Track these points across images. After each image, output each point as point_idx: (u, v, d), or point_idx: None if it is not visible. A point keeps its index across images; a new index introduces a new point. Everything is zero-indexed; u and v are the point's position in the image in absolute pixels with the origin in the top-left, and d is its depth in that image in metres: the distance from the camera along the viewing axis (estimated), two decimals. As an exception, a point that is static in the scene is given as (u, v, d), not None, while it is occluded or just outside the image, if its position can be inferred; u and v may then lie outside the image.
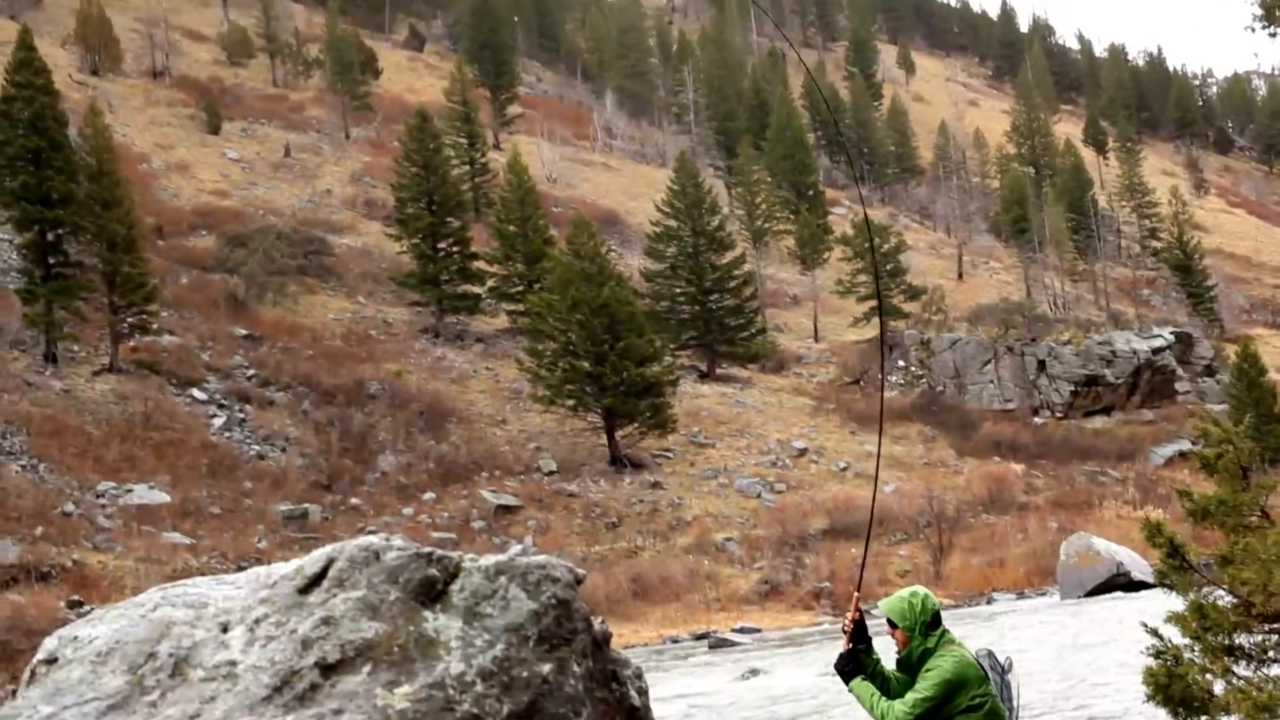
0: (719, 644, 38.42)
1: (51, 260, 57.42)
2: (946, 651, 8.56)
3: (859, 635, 8.78)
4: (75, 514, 46.96)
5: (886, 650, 8.69)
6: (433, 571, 6.87)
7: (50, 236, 57.44)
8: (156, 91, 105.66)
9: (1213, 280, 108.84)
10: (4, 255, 64.73)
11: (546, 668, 5.91)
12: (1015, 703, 8.88)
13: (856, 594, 9.07)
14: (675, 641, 43.02)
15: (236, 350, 64.95)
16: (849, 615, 8.83)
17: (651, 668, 28.83)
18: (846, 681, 8.82)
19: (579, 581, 7.10)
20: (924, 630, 8.62)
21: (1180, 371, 78.47)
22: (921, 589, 8.79)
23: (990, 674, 8.75)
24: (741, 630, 41.81)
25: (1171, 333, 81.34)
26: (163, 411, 56.76)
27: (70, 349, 59.13)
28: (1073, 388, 74.91)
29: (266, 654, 6.76)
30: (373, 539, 7.20)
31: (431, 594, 6.80)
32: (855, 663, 8.78)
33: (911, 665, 8.68)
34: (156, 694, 6.82)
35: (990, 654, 8.97)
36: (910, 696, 8.48)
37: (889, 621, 8.73)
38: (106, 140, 61.18)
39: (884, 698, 8.60)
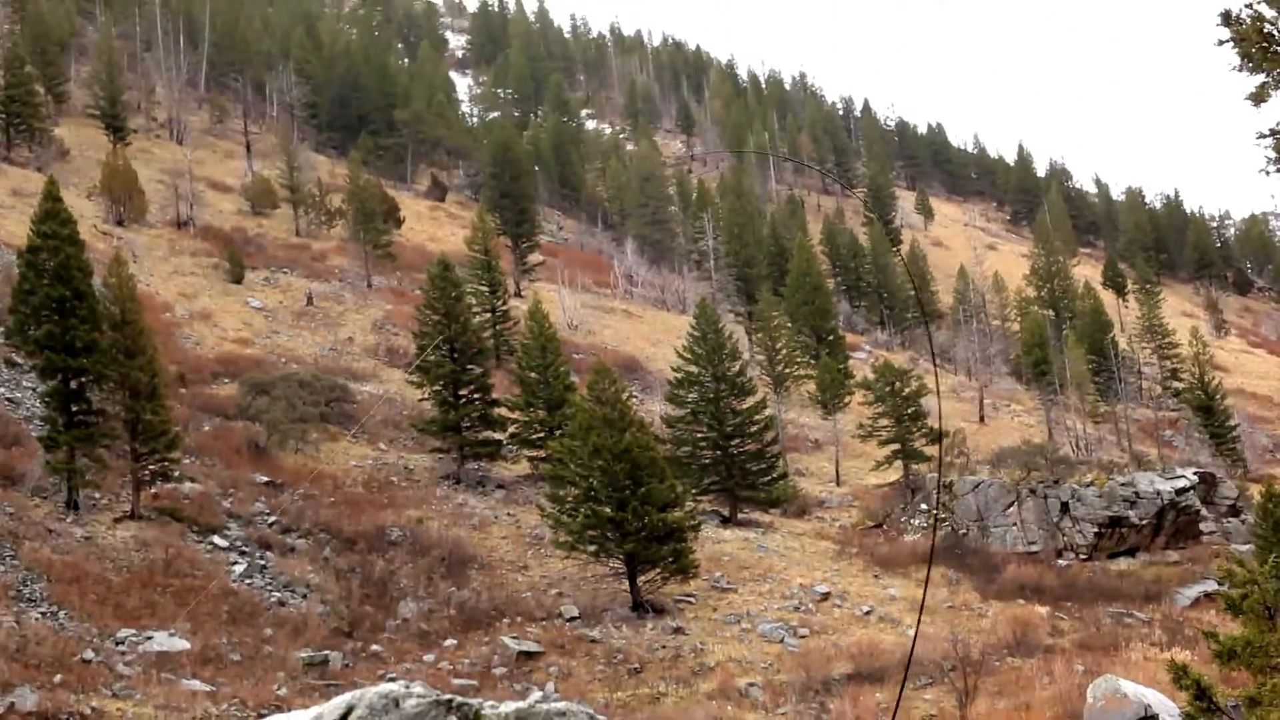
0: (743, 792, 38.03)
1: (74, 408, 57.60)
2: None
3: None
4: (94, 661, 46.71)
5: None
6: (453, 719, 6.84)
7: (74, 384, 57.64)
8: (180, 241, 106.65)
9: (1235, 420, 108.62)
10: (28, 403, 65.09)
11: (567, 815, 5.88)
12: None
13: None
14: (699, 790, 42.57)
15: (258, 497, 64.99)
16: None
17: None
18: None
19: (599, 727, 7.08)
20: None
21: (1204, 512, 78.04)
22: None
23: None
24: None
25: (1195, 473, 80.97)
26: (183, 558, 56.67)
27: (92, 496, 59.19)
28: (1096, 529, 74.51)
29: (285, 802, 6.72)
30: (392, 686, 7.19)
31: (451, 740, 6.78)
32: None
33: None
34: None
35: None
36: None
37: None
38: (130, 289, 61.59)
39: None
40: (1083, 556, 73.77)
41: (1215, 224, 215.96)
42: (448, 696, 6.28)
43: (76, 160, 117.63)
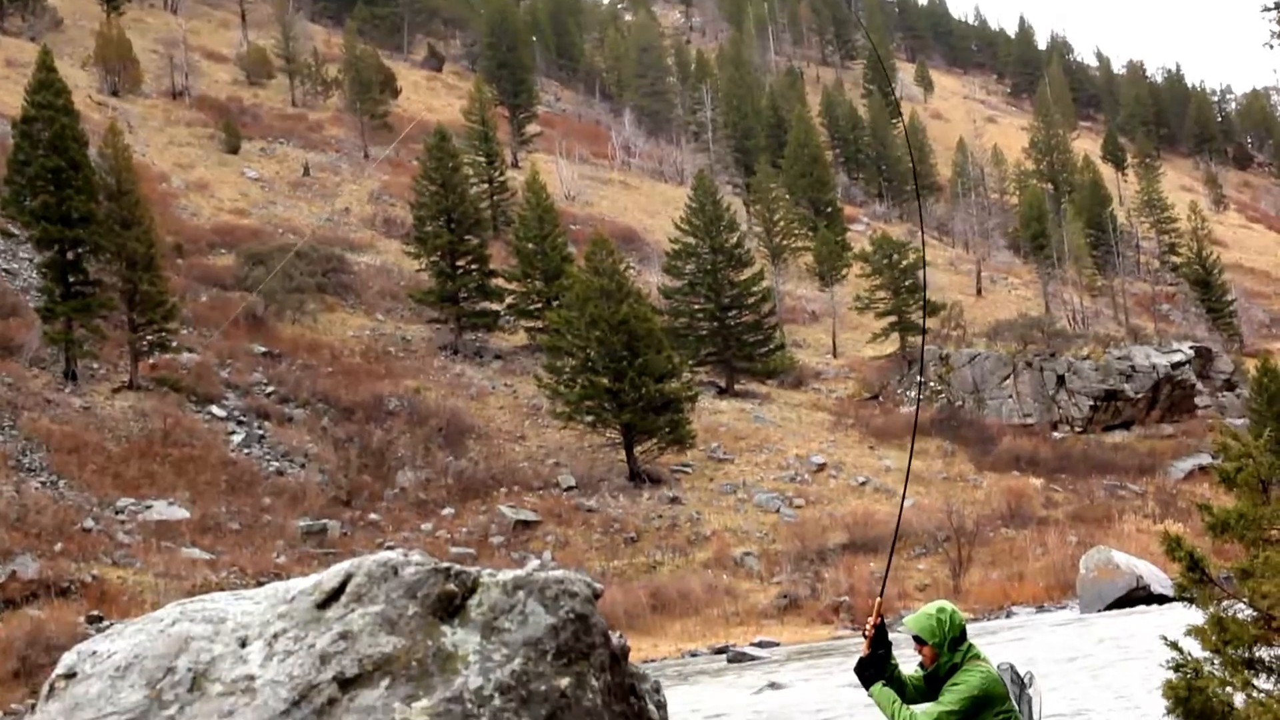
0: (738, 658, 38.40)
1: (71, 279, 57.51)
2: (973, 667, 8.54)
3: (879, 640, 8.78)
4: (95, 530, 47.03)
5: (904, 658, 8.69)
6: (451, 586, 6.87)
7: (70, 255, 57.53)
8: (176, 112, 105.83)
9: (1232, 295, 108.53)
10: (25, 274, 64.92)
11: (564, 682, 5.90)
12: (1038, 718, 8.85)
13: (879, 599, 9.18)
14: (694, 656, 43.03)
15: (255, 367, 65.04)
16: (870, 620, 8.84)
17: (670, 682, 28.80)
18: (867, 686, 8.81)
19: (597, 596, 7.10)
20: (951, 646, 8.61)
21: (1200, 386, 78.26)
22: (948, 604, 8.81)
23: (1011, 688, 8.73)
24: (760, 644, 41.80)
25: (1191, 347, 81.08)
26: (182, 428, 56.85)
27: (90, 366, 59.24)
28: (1092, 402, 74.74)
29: (285, 668, 6.77)
30: (391, 554, 7.21)
31: (450, 609, 6.80)
32: (876, 667, 8.78)
33: (938, 680, 8.66)
34: (175, 708, 6.82)
35: (1011, 668, 8.95)
36: (934, 709, 8.47)
37: (916, 638, 8.70)
38: (126, 160, 61.28)
39: (906, 705, 8.59)
40: (1078, 429, 74.05)
41: (1216, 98, 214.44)
42: (446, 565, 6.35)
43: (70, 30, 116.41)
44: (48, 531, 45.56)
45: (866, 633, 8.84)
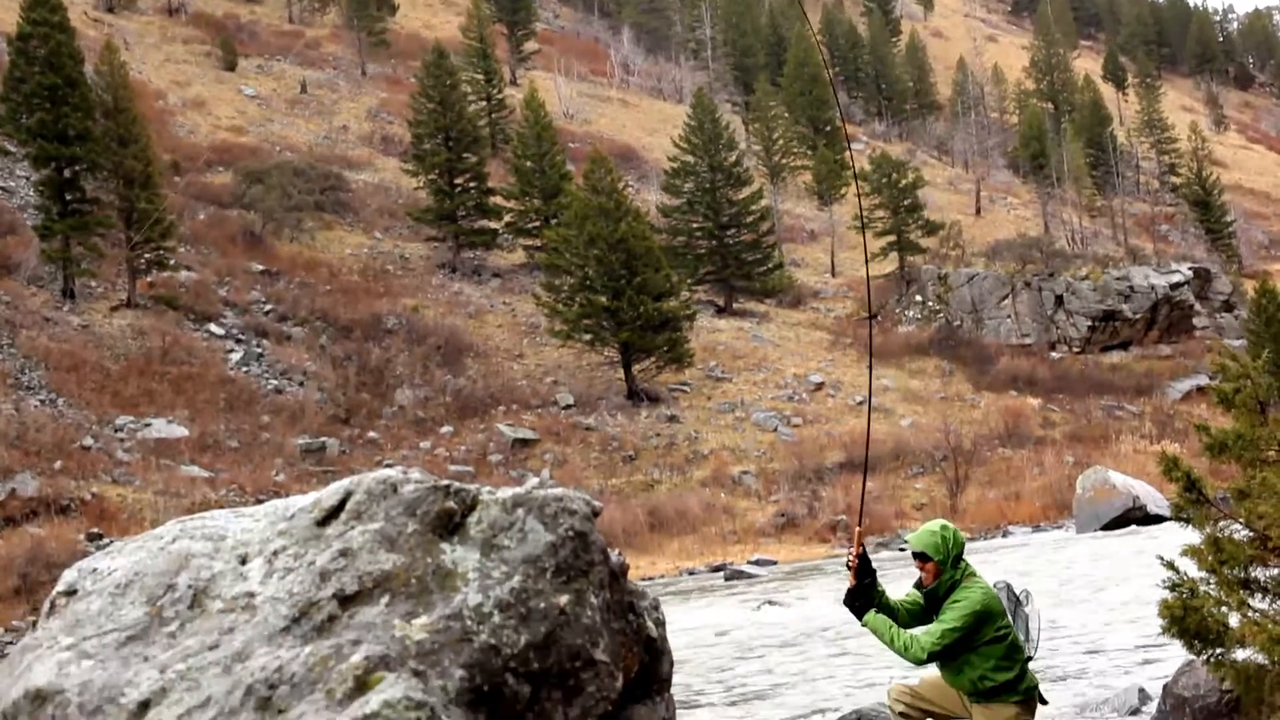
0: (735, 576, 38.55)
1: (68, 197, 57.43)
2: (971, 584, 8.64)
3: (864, 569, 8.86)
4: (94, 448, 47.15)
5: (888, 580, 8.73)
6: (450, 504, 6.88)
7: (67, 173, 57.44)
8: (172, 29, 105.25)
9: (1231, 216, 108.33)
10: (21, 192, 64.77)
11: (564, 599, 5.93)
12: (1036, 635, 8.90)
13: (858, 529, 9.26)
14: (691, 574, 43.20)
15: (254, 286, 65.01)
16: (852, 550, 8.88)
17: (668, 600, 28.95)
18: (859, 616, 8.86)
19: (596, 514, 7.12)
20: (954, 563, 8.70)
21: (1198, 307, 78.27)
22: (949, 524, 8.89)
23: (1007, 605, 8.79)
24: (758, 562, 41.95)
25: (1190, 268, 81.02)
26: (180, 346, 56.90)
27: (88, 285, 59.22)
28: (1090, 323, 74.78)
29: (285, 585, 6.79)
30: (390, 472, 7.22)
31: (449, 526, 6.82)
32: (865, 597, 8.86)
33: (937, 599, 8.75)
34: (175, 625, 6.85)
35: (1008, 587, 9.01)
36: (937, 628, 8.55)
37: (918, 555, 8.78)
38: (123, 77, 61.03)
39: (903, 630, 8.65)
40: (1076, 350, 74.12)
41: (1218, 18, 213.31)
42: (445, 482, 6.35)
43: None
44: (47, 449, 45.69)
45: (850, 563, 8.90)
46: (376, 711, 5.71)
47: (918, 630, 8.65)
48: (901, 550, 38.27)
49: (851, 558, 8.88)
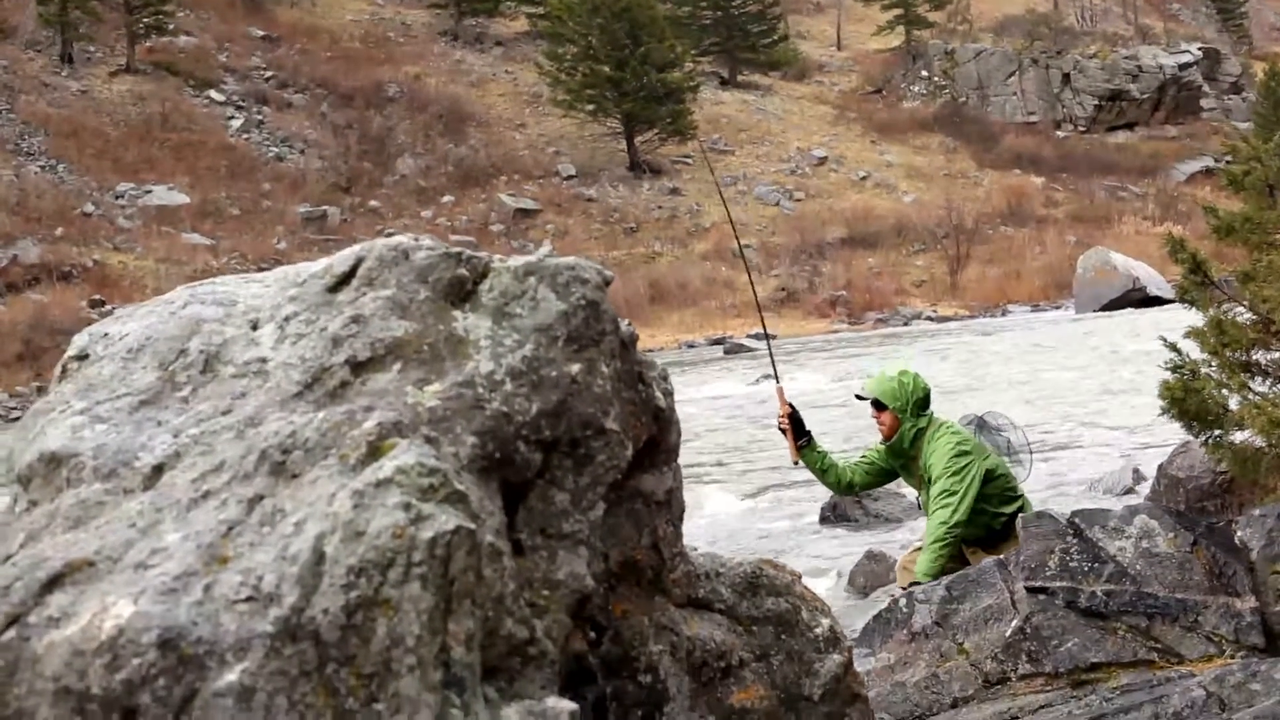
0: (734, 349, 38.82)
1: (65, -43, 56.66)
2: (941, 430, 7.82)
3: (798, 430, 7.99)
4: (95, 214, 47.12)
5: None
6: (462, 271, 6.88)
7: (63, -69, 56.59)
8: None
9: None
10: (17, -50, 63.81)
11: (575, 368, 5.95)
12: (1028, 457, 8.49)
13: (779, 385, 8.36)
14: (691, 346, 43.50)
15: (254, 51, 64.29)
16: (781, 411, 8.01)
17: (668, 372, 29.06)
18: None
19: (608, 283, 7.11)
20: (915, 411, 7.84)
21: (1206, 88, 77.50)
22: (910, 369, 8.09)
23: (991, 436, 8.32)
24: (757, 336, 42.13)
25: (1199, 48, 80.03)
26: (180, 112, 56.51)
27: (86, 49, 58.54)
28: (1097, 102, 74.15)
29: (297, 351, 6.79)
30: (402, 238, 7.20)
31: (461, 294, 6.81)
32: (809, 460, 8.07)
33: (903, 451, 7.91)
34: (188, 389, 6.87)
35: (980, 420, 8.59)
36: (944, 497, 7.60)
37: (874, 403, 7.93)
38: None
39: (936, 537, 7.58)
40: (1081, 129, 73.60)
41: None
42: (457, 250, 6.30)
43: None
44: (48, 216, 45.66)
45: (782, 425, 8.00)
46: (390, 477, 5.75)
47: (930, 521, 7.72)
48: (905, 325, 38.38)
49: (781, 419, 8.00)
